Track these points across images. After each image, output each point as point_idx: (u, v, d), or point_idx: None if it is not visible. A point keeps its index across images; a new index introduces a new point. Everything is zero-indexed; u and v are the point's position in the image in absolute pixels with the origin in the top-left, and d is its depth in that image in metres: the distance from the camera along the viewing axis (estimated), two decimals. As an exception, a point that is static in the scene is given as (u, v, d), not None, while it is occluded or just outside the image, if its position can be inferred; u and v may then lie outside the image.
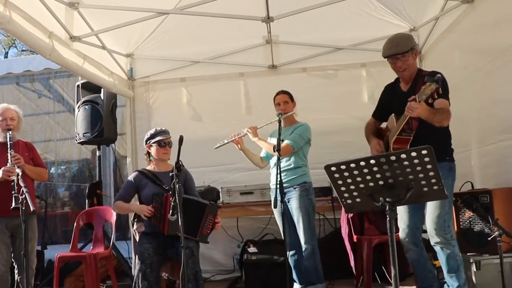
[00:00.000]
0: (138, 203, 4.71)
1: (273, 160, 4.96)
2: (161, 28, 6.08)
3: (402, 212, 3.97)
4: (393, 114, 3.95)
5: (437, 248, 3.80)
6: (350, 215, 5.18)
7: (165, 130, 4.74)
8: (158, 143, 4.67)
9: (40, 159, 5.06)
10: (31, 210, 3.86)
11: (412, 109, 3.44)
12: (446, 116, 3.61)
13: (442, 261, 3.81)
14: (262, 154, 5.22)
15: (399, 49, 3.79)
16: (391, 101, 4.08)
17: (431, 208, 3.78)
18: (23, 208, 3.90)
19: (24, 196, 3.87)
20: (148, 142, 4.73)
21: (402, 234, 3.98)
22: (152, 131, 4.77)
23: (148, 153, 4.80)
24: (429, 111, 3.46)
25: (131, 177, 4.80)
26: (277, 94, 5.08)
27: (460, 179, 4.63)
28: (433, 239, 3.78)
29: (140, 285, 4.19)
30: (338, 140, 6.12)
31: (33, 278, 4.84)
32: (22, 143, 4.96)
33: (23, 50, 14.54)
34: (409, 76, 3.92)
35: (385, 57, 3.91)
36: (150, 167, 4.79)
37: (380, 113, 4.26)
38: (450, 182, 3.83)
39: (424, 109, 3.43)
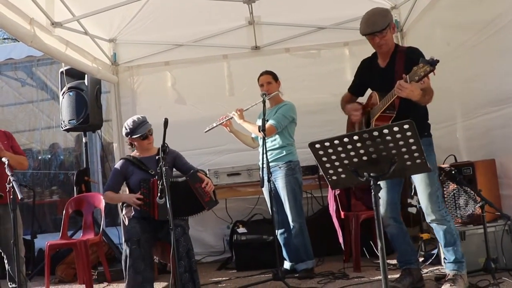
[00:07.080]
0: (128, 191, 4.71)
1: (261, 140, 5.00)
2: (143, 12, 5.99)
3: None
4: (374, 92, 3.95)
5: (434, 225, 3.86)
6: (337, 192, 5.23)
7: (142, 120, 4.63)
8: (141, 137, 4.60)
9: (19, 148, 4.97)
10: (19, 198, 3.82)
11: (401, 88, 3.35)
12: (431, 96, 3.61)
13: (439, 236, 3.87)
14: (253, 134, 5.25)
15: (376, 27, 3.75)
16: (369, 76, 4.09)
17: (421, 188, 3.81)
18: (11, 196, 3.88)
19: (11, 184, 3.86)
20: (129, 137, 4.64)
21: (381, 210, 3.95)
22: (130, 124, 4.61)
23: (131, 144, 4.75)
24: (420, 92, 3.40)
25: (117, 165, 4.76)
26: (261, 75, 5.10)
27: (445, 152, 4.72)
28: (429, 217, 3.84)
29: (123, 263, 4.20)
30: (323, 119, 6.13)
31: (24, 266, 4.83)
32: (1, 132, 4.89)
33: (4, 39, 14.34)
34: (387, 51, 3.91)
35: (363, 35, 3.88)
36: (134, 153, 4.78)
37: (357, 88, 4.26)
38: (433, 157, 3.88)
39: (415, 90, 3.35)
